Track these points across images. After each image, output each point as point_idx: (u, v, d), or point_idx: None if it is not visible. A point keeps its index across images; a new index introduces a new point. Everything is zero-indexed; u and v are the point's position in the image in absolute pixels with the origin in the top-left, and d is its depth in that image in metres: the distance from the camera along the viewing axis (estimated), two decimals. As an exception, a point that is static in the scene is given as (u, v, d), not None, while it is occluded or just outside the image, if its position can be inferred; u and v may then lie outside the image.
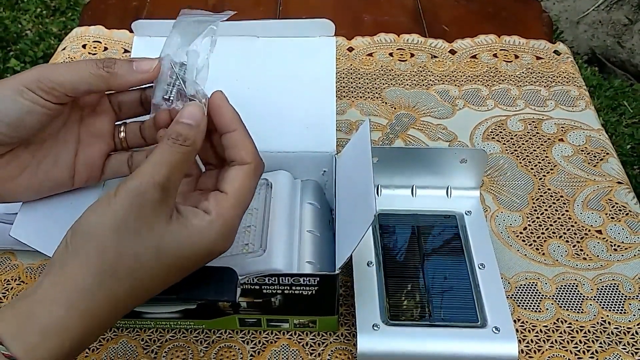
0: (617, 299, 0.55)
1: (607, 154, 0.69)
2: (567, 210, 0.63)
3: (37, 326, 0.34)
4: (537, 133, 0.72)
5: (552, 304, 0.55)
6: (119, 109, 0.47)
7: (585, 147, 0.70)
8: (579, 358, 0.51)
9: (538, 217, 0.62)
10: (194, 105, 0.41)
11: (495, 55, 0.83)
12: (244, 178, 0.40)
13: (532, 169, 0.67)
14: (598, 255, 0.59)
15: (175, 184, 0.38)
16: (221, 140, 0.43)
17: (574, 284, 0.57)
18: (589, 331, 0.53)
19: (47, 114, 0.41)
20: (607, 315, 0.54)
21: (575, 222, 0.62)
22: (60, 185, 0.46)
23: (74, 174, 0.46)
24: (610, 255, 0.59)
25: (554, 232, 0.61)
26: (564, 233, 0.61)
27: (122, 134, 0.47)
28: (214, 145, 0.45)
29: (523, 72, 0.80)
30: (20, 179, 0.44)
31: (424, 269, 0.54)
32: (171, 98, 0.43)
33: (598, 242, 0.60)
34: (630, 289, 0.56)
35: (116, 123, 0.48)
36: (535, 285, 0.56)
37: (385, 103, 0.76)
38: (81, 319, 0.35)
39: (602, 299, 0.55)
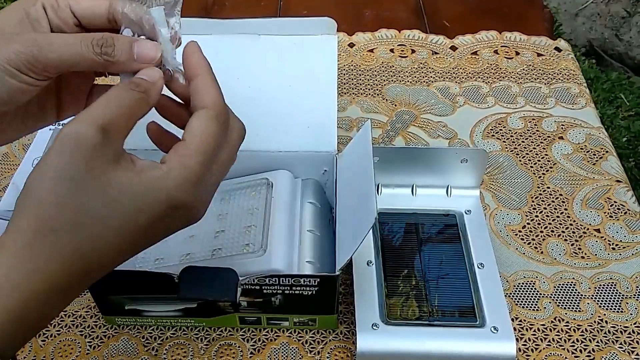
0: (614, 298, 0.56)
1: (607, 152, 0.69)
2: (566, 209, 0.63)
3: None
4: (537, 131, 0.72)
5: (550, 302, 0.55)
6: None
7: (585, 145, 0.70)
8: (575, 357, 0.52)
9: (537, 216, 0.63)
10: (152, 68, 0.38)
11: (496, 52, 0.83)
12: (204, 124, 0.36)
13: (531, 167, 0.68)
14: (596, 254, 0.59)
15: (120, 127, 0.34)
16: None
17: (572, 282, 0.57)
18: (586, 330, 0.54)
19: (37, 89, 0.38)
20: (604, 314, 0.55)
21: (574, 221, 0.62)
22: (49, 122, 0.44)
23: (60, 110, 0.44)
24: (609, 254, 0.59)
25: (552, 231, 0.61)
26: (563, 232, 0.61)
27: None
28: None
29: (524, 69, 0.80)
30: (9, 131, 0.42)
31: (424, 268, 0.54)
32: None
33: (596, 241, 0.61)
34: (627, 288, 0.57)
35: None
36: (534, 283, 0.57)
37: (386, 100, 0.75)
38: (27, 277, 0.31)
39: (599, 298, 0.56)
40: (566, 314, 0.55)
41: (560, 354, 0.52)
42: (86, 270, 0.33)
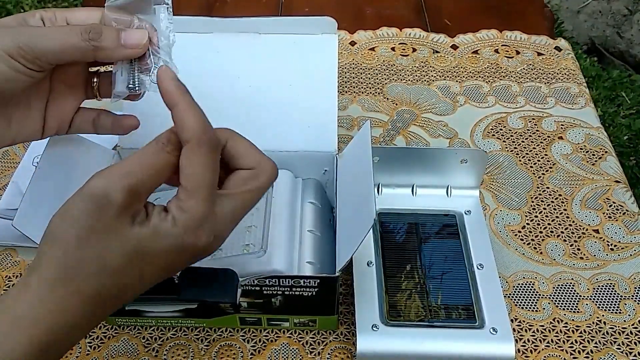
0: (612, 299, 0.56)
1: (606, 152, 0.69)
2: (565, 209, 0.64)
3: (7, 317, 0.34)
4: (537, 131, 0.72)
5: (549, 303, 0.56)
6: None
7: (584, 146, 0.70)
8: (574, 358, 0.52)
9: (536, 216, 0.63)
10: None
11: (496, 51, 0.82)
12: (191, 160, 0.37)
13: (531, 167, 0.68)
14: (595, 255, 0.60)
15: (147, 189, 0.36)
16: None
17: (571, 283, 0.57)
18: (584, 331, 0.54)
19: (28, 80, 0.40)
20: (603, 315, 0.55)
21: (573, 221, 0.62)
22: (31, 135, 0.45)
23: (44, 124, 0.45)
24: (607, 254, 0.60)
25: (551, 231, 0.62)
26: (562, 232, 0.62)
27: (96, 83, 0.45)
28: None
29: (524, 69, 0.80)
30: None
31: (424, 268, 0.55)
32: (136, 87, 0.41)
33: (595, 242, 0.61)
34: (625, 289, 0.57)
35: (91, 70, 0.46)
36: (533, 284, 0.57)
37: (387, 99, 0.76)
38: (50, 313, 0.34)
39: (598, 299, 0.56)
40: (565, 314, 0.55)
41: (559, 355, 0.52)
42: (102, 311, 0.37)
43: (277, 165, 0.56)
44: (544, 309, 0.55)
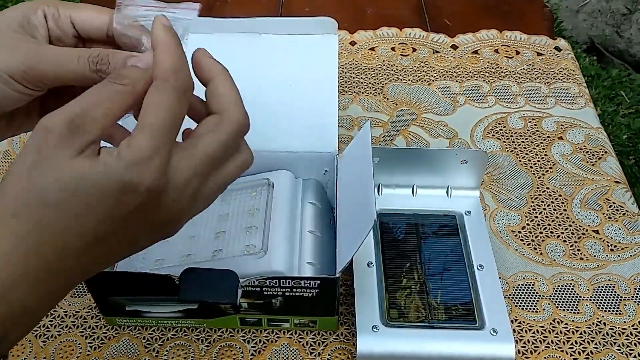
0: (612, 300, 0.56)
1: (606, 152, 0.69)
2: (565, 210, 0.64)
3: None
4: (537, 131, 0.72)
5: (549, 304, 0.56)
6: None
7: (584, 146, 0.70)
8: (574, 359, 0.52)
9: (536, 217, 0.63)
10: (148, 53, 0.37)
11: (496, 51, 0.82)
12: (151, 97, 0.34)
13: (531, 167, 0.68)
14: (595, 256, 0.60)
15: (93, 119, 0.33)
16: None
17: (571, 284, 0.57)
18: (584, 332, 0.54)
19: (28, 98, 0.39)
20: (603, 316, 0.55)
21: (573, 222, 0.63)
22: (32, 128, 0.44)
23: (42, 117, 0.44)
24: (607, 255, 0.60)
25: (552, 232, 0.62)
26: (562, 232, 0.62)
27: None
28: None
29: (524, 69, 0.80)
30: None
31: (424, 269, 0.55)
32: None
33: (595, 242, 0.61)
34: (625, 289, 0.57)
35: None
36: (533, 285, 0.57)
37: (387, 99, 0.75)
38: None
39: (598, 300, 0.56)
40: (565, 315, 0.55)
41: (559, 356, 0.52)
42: (57, 252, 0.33)
43: (278, 166, 0.57)
44: (544, 309, 0.55)
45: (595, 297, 0.56)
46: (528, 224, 0.62)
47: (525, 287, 0.57)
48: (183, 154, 0.35)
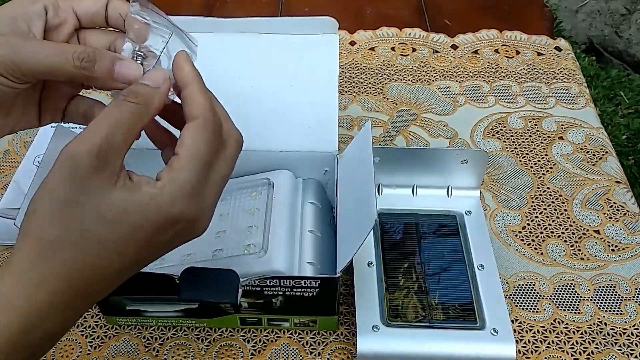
0: (613, 300, 0.56)
1: (606, 152, 0.69)
2: (565, 210, 0.64)
3: None
4: (537, 131, 0.72)
5: (550, 304, 0.56)
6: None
7: (585, 146, 0.70)
8: (575, 359, 0.52)
9: (537, 217, 0.63)
10: (158, 69, 0.39)
11: (496, 51, 0.82)
12: (194, 134, 0.36)
13: (531, 167, 0.68)
14: (595, 256, 0.60)
15: (117, 146, 0.35)
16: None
17: (572, 284, 0.57)
18: (585, 332, 0.54)
19: (16, 90, 0.39)
20: (604, 317, 0.55)
21: (574, 222, 0.62)
22: (29, 124, 0.44)
23: (40, 115, 0.44)
24: (608, 255, 0.60)
25: (552, 232, 0.62)
26: (562, 233, 0.61)
27: None
28: None
29: (524, 69, 0.80)
30: None
31: (424, 269, 0.55)
32: None
33: (596, 242, 0.61)
34: (626, 290, 0.57)
35: None
36: (533, 285, 0.57)
37: (387, 99, 0.75)
38: (26, 292, 0.33)
39: (598, 300, 0.56)
40: (565, 315, 0.55)
41: (560, 356, 0.52)
42: (88, 286, 0.35)
43: (278, 165, 0.57)
44: (545, 309, 0.55)
45: (596, 297, 0.56)
46: (528, 224, 0.62)
47: (525, 287, 0.57)
48: (207, 183, 0.37)
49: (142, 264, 0.37)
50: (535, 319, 0.55)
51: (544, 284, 0.57)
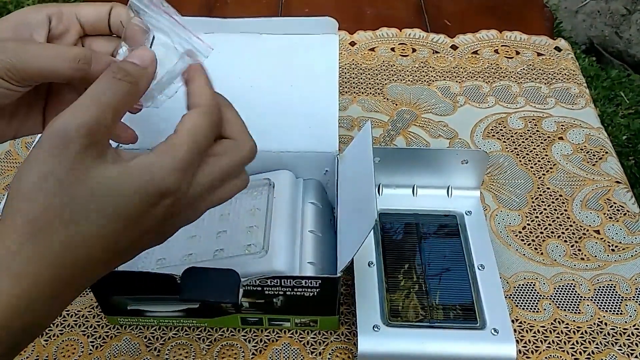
0: (613, 300, 0.56)
1: (606, 152, 0.69)
2: (565, 210, 0.64)
3: None
4: (537, 131, 0.72)
5: (550, 304, 0.56)
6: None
7: (585, 146, 0.70)
8: (575, 359, 0.52)
9: (537, 217, 0.63)
10: (145, 48, 0.38)
11: (496, 51, 0.83)
12: (194, 118, 0.36)
13: (531, 167, 0.68)
14: (596, 256, 0.60)
15: (106, 124, 0.34)
16: None
17: (572, 284, 0.57)
18: (585, 332, 0.54)
19: (17, 94, 0.39)
20: (604, 316, 0.55)
21: (574, 222, 0.63)
22: (32, 130, 0.44)
23: (44, 121, 0.44)
24: (608, 255, 0.60)
25: (552, 232, 0.62)
26: (563, 233, 0.62)
27: None
28: None
29: (524, 69, 0.80)
30: None
31: (424, 269, 0.55)
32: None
33: (596, 242, 0.61)
34: (627, 290, 0.57)
35: None
36: (534, 285, 0.57)
37: (387, 99, 0.76)
38: (11, 279, 0.31)
39: (599, 300, 0.56)
40: (566, 315, 0.55)
41: (560, 356, 0.52)
42: (78, 267, 0.33)
43: (278, 165, 0.57)
44: (545, 309, 0.55)
45: (596, 297, 0.56)
46: (529, 224, 0.62)
47: (526, 287, 0.57)
48: (205, 167, 0.37)
49: (133, 246, 0.36)
50: (535, 319, 0.55)
51: (544, 284, 0.57)
